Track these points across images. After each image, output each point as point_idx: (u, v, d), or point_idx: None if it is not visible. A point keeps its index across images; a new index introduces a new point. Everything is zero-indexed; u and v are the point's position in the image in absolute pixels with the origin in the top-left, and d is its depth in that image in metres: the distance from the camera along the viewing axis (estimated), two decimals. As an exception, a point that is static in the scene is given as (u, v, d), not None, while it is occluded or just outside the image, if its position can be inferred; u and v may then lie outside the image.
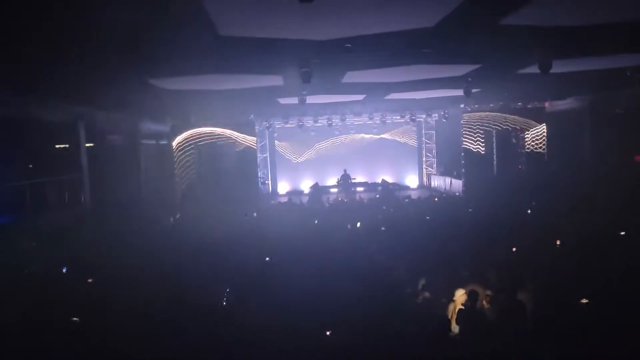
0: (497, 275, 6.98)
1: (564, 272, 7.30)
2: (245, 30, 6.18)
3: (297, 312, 6.10)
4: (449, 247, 9.03)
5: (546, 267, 7.68)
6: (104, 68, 8.00)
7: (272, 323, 5.85)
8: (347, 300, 6.41)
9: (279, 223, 13.31)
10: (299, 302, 6.39)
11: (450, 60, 9.01)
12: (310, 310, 6.12)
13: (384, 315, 5.94)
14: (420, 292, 6.73)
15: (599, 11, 5.98)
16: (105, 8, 4.87)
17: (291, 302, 6.40)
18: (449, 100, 16.75)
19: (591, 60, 9.49)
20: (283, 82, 10.36)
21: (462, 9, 5.38)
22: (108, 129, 14.53)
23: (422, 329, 5.54)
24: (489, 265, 7.58)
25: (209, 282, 7.57)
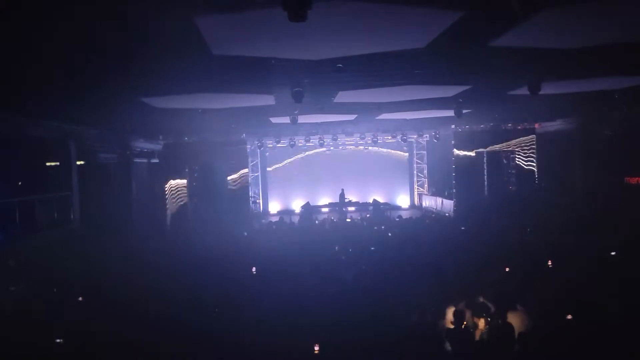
0: (489, 296, 6.94)
1: (553, 292, 7.29)
2: (238, 50, 6.21)
3: (286, 327, 6.08)
4: (440, 267, 8.99)
5: (537, 286, 7.66)
6: (96, 86, 8.00)
7: (262, 337, 5.81)
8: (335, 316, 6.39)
9: (270, 242, 13.24)
10: (288, 317, 6.36)
11: (441, 81, 9.12)
12: (299, 325, 6.10)
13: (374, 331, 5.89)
14: (411, 311, 6.67)
15: (588, 34, 6.09)
16: (97, 28, 4.88)
17: (281, 317, 6.37)
18: (440, 120, 16.89)
19: (580, 83, 9.64)
20: (275, 102, 10.40)
21: (452, 30, 5.45)
22: (99, 147, 14.47)
23: (415, 346, 5.48)
24: (481, 284, 7.55)
25: (199, 299, 7.49)
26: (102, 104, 9.84)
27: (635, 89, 10.36)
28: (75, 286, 8.70)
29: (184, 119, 13.11)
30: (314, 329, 6.06)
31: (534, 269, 8.81)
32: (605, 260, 9.13)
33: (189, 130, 17.24)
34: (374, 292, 7.46)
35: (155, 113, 11.15)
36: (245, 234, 15.49)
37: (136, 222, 15.91)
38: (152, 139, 17.92)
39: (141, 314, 7.03)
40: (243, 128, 18.08)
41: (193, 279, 8.95)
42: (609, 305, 6.30)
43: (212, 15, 4.77)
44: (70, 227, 12.55)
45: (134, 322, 6.75)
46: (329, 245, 11.92)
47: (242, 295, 7.80)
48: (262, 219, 21.77)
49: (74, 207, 12.67)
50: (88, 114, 11.27)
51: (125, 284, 8.60)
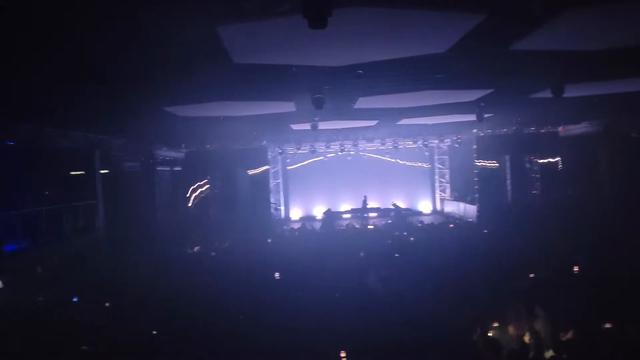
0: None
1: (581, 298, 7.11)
2: (259, 58, 6.28)
3: (311, 333, 6.08)
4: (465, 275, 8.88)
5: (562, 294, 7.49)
6: (121, 97, 8.16)
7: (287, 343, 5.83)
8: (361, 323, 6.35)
9: (292, 248, 13.27)
10: (313, 323, 6.36)
11: (462, 85, 9.03)
12: (324, 332, 6.09)
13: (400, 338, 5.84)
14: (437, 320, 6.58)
15: (610, 35, 5.97)
16: (122, 39, 5.00)
17: (306, 323, 6.38)
18: (462, 125, 16.73)
19: (604, 84, 9.43)
20: (295, 108, 10.45)
21: (473, 34, 5.40)
22: (123, 156, 14.75)
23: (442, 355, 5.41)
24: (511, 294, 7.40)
25: (224, 305, 7.56)
26: (127, 113, 10.04)
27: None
28: (102, 292, 8.86)
29: (206, 127, 13.28)
30: (339, 335, 6.03)
31: (560, 275, 8.63)
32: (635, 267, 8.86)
33: (210, 137, 17.45)
34: (399, 298, 7.40)
35: (177, 122, 11.33)
36: (269, 240, 15.55)
37: (160, 229, 16.13)
38: (175, 147, 18.19)
39: (166, 319, 7.11)
40: (264, 135, 18.20)
41: (217, 284, 9.03)
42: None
43: (234, 24, 4.83)
44: (96, 234, 12.79)
45: (159, 327, 6.83)
46: (352, 251, 11.87)
47: (266, 300, 7.83)
48: (283, 225, 21.82)
49: (99, 215, 12.92)
50: (113, 123, 11.51)
51: (150, 290, 8.72)
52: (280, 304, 7.68)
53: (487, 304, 6.97)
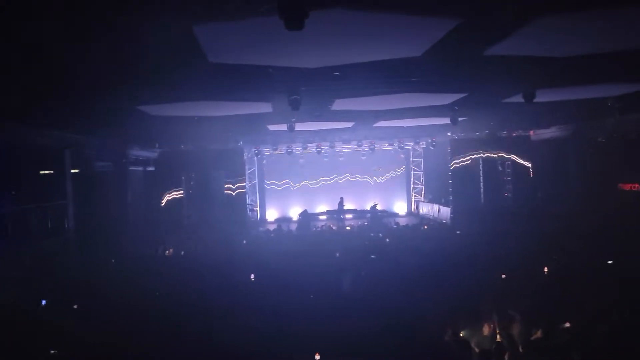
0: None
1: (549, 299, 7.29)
2: (235, 58, 6.24)
3: (286, 335, 6.05)
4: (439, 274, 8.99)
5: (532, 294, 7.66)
6: (92, 95, 7.99)
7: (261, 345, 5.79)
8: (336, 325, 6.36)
9: (268, 250, 13.21)
10: (288, 325, 6.34)
11: (437, 88, 9.16)
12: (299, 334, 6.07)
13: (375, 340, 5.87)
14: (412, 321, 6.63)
15: (580, 43, 6.15)
16: (95, 36, 4.89)
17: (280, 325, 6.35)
18: (436, 128, 16.96)
19: (574, 90, 9.71)
20: (272, 109, 10.42)
21: (448, 39, 5.50)
22: (95, 155, 14.44)
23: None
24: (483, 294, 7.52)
25: (197, 307, 7.46)
26: (99, 112, 9.83)
27: (628, 96, 10.45)
28: (70, 295, 8.64)
29: (181, 127, 13.11)
30: (314, 338, 6.02)
31: (531, 276, 8.82)
32: (603, 268, 9.14)
33: (185, 138, 17.23)
34: (374, 300, 7.44)
35: (151, 121, 11.15)
36: (244, 242, 15.43)
37: (132, 230, 15.85)
38: (148, 147, 17.89)
39: (137, 323, 6.98)
40: (240, 135, 18.09)
41: (190, 286, 8.92)
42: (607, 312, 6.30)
43: (210, 23, 4.79)
44: (66, 235, 12.49)
45: (130, 331, 6.70)
46: (328, 252, 11.88)
47: (241, 302, 7.76)
48: (259, 226, 21.70)
49: (69, 216, 12.61)
50: (84, 122, 11.26)
51: (120, 292, 8.55)
52: (255, 306, 7.63)
53: (460, 305, 7.06)
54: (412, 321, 6.43)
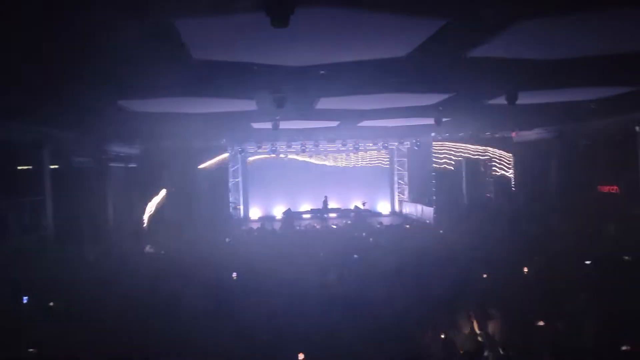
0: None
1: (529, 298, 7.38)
2: (219, 54, 6.16)
3: (269, 335, 6.02)
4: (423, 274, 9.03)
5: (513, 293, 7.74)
6: (71, 89, 7.82)
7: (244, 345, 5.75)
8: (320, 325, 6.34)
9: (251, 248, 13.13)
10: (271, 325, 6.30)
11: (421, 89, 9.19)
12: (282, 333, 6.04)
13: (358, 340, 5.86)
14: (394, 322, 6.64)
15: (562, 47, 6.22)
16: (74, 27, 4.77)
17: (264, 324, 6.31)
18: (421, 128, 17.04)
19: (556, 93, 9.83)
20: (256, 107, 10.34)
21: (432, 40, 5.51)
22: (74, 151, 14.17)
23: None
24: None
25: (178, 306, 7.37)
26: (78, 106, 9.63)
27: (609, 99, 10.62)
28: (47, 293, 8.47)
29: (163, 123, 12.93)
30: (298, 337, 5.99)
31: (511, 276, 8.92)
32: (581, 268, 9.28)
33: (168, 134, 17.01)
34: (357, 300, 7.44)
35: (133, 117, 10.97)
36: (227, 240, 15.31)
37: (112, 227, 15.61)
38: (130, 143, 17.62)
39: (116, 321, 6.86)
40: (223, 133, 17.93)
41: (171, 285, 8.80)
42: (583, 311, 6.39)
43: (193, 18, 4.70)
44: (43, 232, 12.24)
45: (108, 330, 6.59)
46: (312, 252, 11.86)
47: (223, 302, 7.70)
48: (242, 225, 21.57)
49: (47, 212, 12.36)
50: (62, 117, 11.02)
51: (99, 290, 8.41)
52: (237, 305, 7.57)
53: (442, 304, 7.09)
54: (394, 322, 6.44)
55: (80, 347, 6.05)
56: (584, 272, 9.00)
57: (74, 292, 8.46)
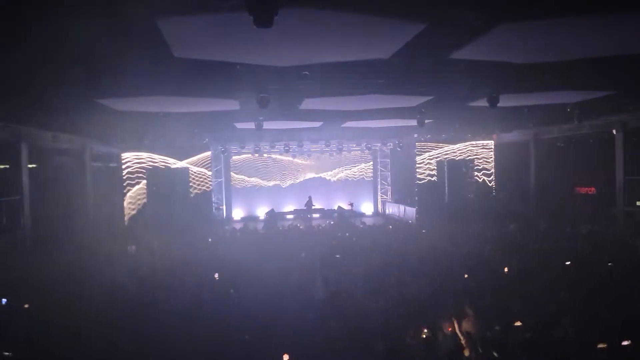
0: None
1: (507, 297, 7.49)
2: (201, 53, 6.12)
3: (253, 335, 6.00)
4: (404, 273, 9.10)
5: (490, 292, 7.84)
6: (51, 87, 7.69)
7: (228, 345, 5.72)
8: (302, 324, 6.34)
9: (234, 248, 13.06)
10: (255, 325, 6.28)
11: (405, 91, 9.27)
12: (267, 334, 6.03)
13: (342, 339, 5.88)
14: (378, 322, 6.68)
15: (541, 50, 6.34)
16: (53, 24, 4.70)
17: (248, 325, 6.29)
18: (403, 129, 17.17)
19: (535, 96, 10.01)
20: (239, 107, 10.30)
21: (415, 42, 5.56)
22: (54, 150, 13.93)
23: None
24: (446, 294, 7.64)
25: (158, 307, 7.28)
26: (57, 105, 9.48)
27: (585, 103, 10.86)
28: (23, 294, 8.30)
29: (145, 122, 12.80)
30: (282, 338, 5.97)
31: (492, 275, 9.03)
32: (560, 269, 9.44)
33: (149, 133, 16.82)
34: (341, 300, 7.45)
35: (114, 115, 10.83)
36: (209, 240, 15.20)
37: (92, 227, 15.38)
38: (110, 142, 17.38)
39: (95, 323, 6.75)
40: (206, 133, 17.82)
41: (152, 285, 8.71)
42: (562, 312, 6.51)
43: (175, 17, 4.67)
44: (21, 232, 12.00)
45: (87, 332, 6.49)
46: (294, 252, 11.84)
47: (205, 302, 7.64)
48: (225, 225, 21.45)
49: (24, 212, 12.13)
50: (42, 115, 10.82)
51: (78, 292, 8.27)
52: (220, 305, 7.52)
53: (423, 304, 7.15)
54: (378, 321, 6.49)
55: (58, 350, 5.94)
56: (563, 272, 9.16)
57: (51, 294, 8.30)
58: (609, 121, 13.86)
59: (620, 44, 6.09)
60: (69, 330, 6.55)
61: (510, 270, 9.33)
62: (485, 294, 7.67)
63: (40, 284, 8.84)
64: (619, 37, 5.77)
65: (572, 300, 7.12)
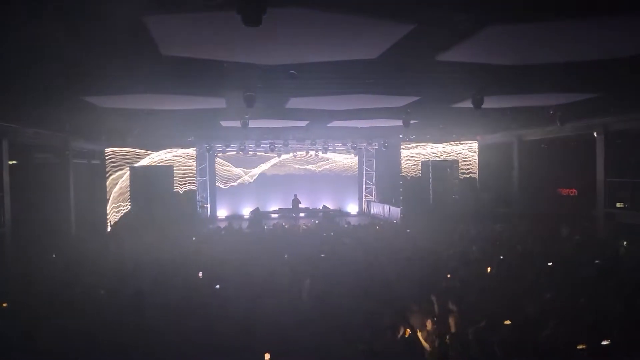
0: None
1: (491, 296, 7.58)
2: (188, 51, 6.08)
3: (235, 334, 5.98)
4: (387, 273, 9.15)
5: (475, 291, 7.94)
6: (34, 83, 7.56)
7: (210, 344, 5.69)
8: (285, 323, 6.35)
9: (218, 247, 12.99)
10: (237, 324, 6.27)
11: (391, 91, 9.33)
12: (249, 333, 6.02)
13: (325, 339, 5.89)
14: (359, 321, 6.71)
15: (525, 53, 6.44)
16: (38, 19, 4.62)
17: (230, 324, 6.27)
18: (389, 129, 17.26)
19: (519, 98, 10.16)
20: (226, 105, 10.25)
21: (402, 43, 5.60)
22: (36, 146, 13.70)
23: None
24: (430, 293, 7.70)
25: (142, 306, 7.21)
26: (40, 101, 9.32)
27: (568, 105, 11.04)
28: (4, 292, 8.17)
29: (129, 120, 12.65)
30: (264, 337, 5.97)
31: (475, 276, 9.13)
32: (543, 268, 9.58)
33: (133, 131, 16.64)
34: (324, 299, 7.47)
35: (98, 112, 10.69)
36: (193, 239, 15.09)
37: (74, 224, 15.18)
38: (94, 139, 17.15)
39: (77, 322, 6.67)
40: (192, 130, 17.69)
41: (136, 283, 8.62)
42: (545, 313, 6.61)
43: (162, 15, 4.64)
44: (1, 229, 11.79)
45: (69, 331, 6.41)
46: (280, 251, 11.83)
47: (189, 300, 7.59)
48: (209, 224, 21.32)
49: (5, 209, 11.91)
50: (24, 111, 10.63)
51: (59, 290, 8.16)
52: (203, 304, 7.48)
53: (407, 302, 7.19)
54: (361, 320, 6.51)
55: (39, 350, 5.86)
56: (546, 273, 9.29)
57: (32, 292, 8.18)
58: (591, 124, 14.11)
59: (601, 48, 6.22)
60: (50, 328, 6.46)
61: (493, 270, 9.45)
62: (469, 294, 7.75)
63: (21, 282, 8.70)
64: (600, 41, 5.89)
65: (555, 300, 7.23)
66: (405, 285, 8.36)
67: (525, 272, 9.04)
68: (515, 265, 9.75)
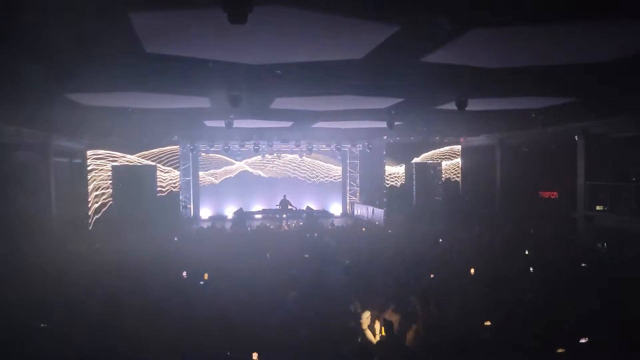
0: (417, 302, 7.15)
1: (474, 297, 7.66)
2: (173, 49, 6.03)
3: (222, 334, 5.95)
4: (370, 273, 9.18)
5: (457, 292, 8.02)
6: (12, 79, 7.41)
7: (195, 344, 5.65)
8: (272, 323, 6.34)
9: (201, 247, 12.90)
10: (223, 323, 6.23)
11: (376, 92, 9.37)
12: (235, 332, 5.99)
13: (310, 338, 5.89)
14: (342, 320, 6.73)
15: (509, 56, 6.53)
16: (18, 14, 4.54)
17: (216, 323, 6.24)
18: (373, 131, 17.34)
19: (502, 101, 10.30)
20: (210, 104, 10.19)
21: (387, 44, 5.64)
22: (15, 144, 13.42)
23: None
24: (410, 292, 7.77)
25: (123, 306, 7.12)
26: (21, 99, 9.15)
27: (550, 109, 11.22)
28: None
29: (112, 118, 12.49)
30: (251, 337, 5.95)
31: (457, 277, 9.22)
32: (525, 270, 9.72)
33: (116, 129, 16.43)
34: (308, 298, 7.47)
35: (80, 110, 10.52)
36: (175, 239, 14.96)
37: (55, 224, 14.92)
38: (76, 137, 16.89)
39: (55, 322, 6.56)
40: (175, 130, 17.54)
41: (118, 283, 8.51)
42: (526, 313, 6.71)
43: (147, 11, 4.59)
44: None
45: (46, 331, 6.30)
46: (263, 252, 11.80)
47: (173, 300, 7.52)
48: (193, 224, 21.14)
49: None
50: (4, 109, 10.42)
51: (38, 290, 8.01)
52: (187, 304, 7.42)
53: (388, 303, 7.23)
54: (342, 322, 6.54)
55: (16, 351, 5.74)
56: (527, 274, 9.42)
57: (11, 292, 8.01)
58: (572, 127, 14.36)
59: (580, 53, 6.34)
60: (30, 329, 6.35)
61: (476, 271, 9.55)
62: (451, 294, 7.83)
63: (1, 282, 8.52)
64: (581, 45, 6.00)
65: (535, 301, 7.34)
66: (388, 285, 8.39)
67: (506, 273, 9.15)
68: (496, 266, 9.86)
